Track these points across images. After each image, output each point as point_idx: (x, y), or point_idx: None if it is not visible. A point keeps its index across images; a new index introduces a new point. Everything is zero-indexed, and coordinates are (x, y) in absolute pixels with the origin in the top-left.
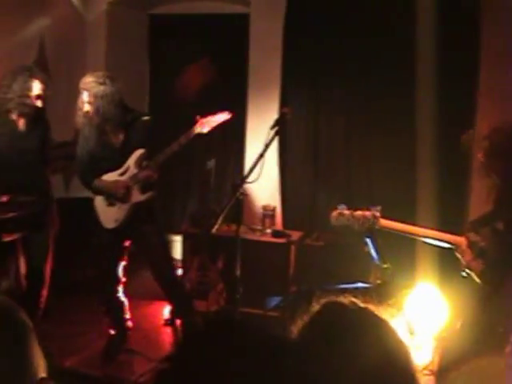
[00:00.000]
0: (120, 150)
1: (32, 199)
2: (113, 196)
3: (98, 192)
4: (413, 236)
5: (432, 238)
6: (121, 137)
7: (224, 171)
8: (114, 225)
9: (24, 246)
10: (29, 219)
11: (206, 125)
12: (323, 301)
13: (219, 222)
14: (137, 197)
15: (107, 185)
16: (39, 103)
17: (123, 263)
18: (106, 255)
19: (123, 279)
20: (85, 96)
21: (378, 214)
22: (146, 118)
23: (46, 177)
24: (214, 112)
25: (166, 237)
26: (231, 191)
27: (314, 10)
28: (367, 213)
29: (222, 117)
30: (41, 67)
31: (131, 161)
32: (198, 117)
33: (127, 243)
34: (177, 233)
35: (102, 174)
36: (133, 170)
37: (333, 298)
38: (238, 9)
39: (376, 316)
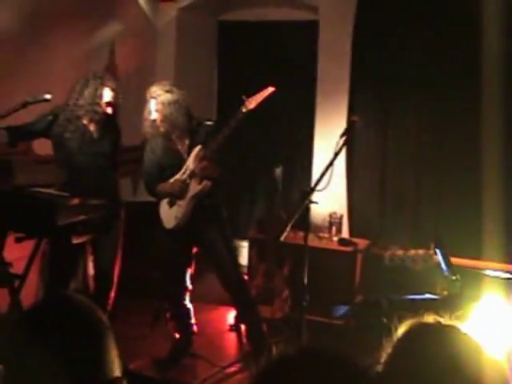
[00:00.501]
0: (185, 157)
1: (102, 202)
2: (171, 194)
3: (159, 196)
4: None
5: (493, 270)
6: (186, 143)
7: (291, 177)
8: (174, 223)
9: (93, 247)
10: (98, 222)
11: (253, 102)
12: (408, 323)
13: (288, 229)
14: (194, 189)
15: (165, 186)
16: (109, 110)
17: (190, 270)
18: (172, 262)
19: (190, 287)
20: (152, 104)
21: (431, 253)
22: (209, 123)
23: (116, 181)
24: (258, 90)
25: (232, 242)
26: (300, 199)
27: (383, 18)
28: (420, 252)
29: (267, 92)
30: (111, 73)
31: (190, 159)
32: (243, 97)
33: (194, 250)
34: (243, 238)
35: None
36: (191, 167)
37: (418, 320)
38: (307, 16)
39: (467, 336)
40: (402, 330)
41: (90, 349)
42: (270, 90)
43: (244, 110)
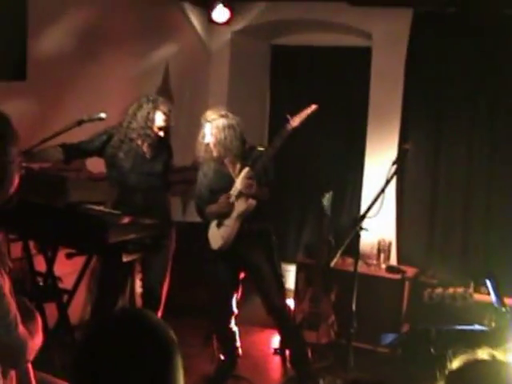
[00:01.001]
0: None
1: (153, 222)
2: (218, 214)
3: (208, 218)
4: None
5: None
6: (238, 167)
7: (341, 203)
8: (220, 242)
9: (142, 266)
10: (149, 241)
11: (297, 119)
12: (462, 357)
13: (338, 255)
14: (239, 208)
15: (212, 206)
16: (161, 134)
17: (237, 295)
18: (219, 286)
19: (236, 311)
20: (207, 128)
21: (470, 291)
22: (261, 148)
23: (167, 200)
24: (303, 108)
25: (279, 267)
26: (351, 225)
27: (437, 44)
28: (459, 290)
29: (310, 109)
30: (164, 94)
31: (238, 180)
32: (287, 115)
33: (241, 275)
34: (291, 262)
35: None
36: (238, 188)
37: (472, 356)
38: (360, 42)
39: None
40: (455, 363)
41: (162, 367)
42: (313, 107)
43: (289, 127)
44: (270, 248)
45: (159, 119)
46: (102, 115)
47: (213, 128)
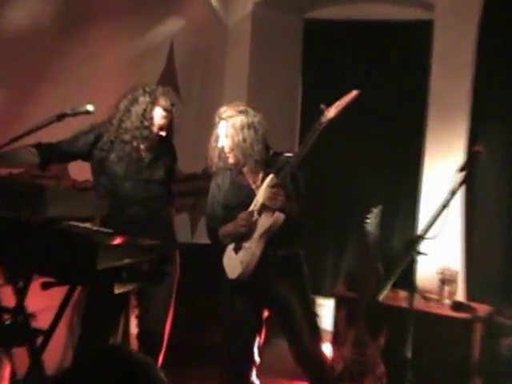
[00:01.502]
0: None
1: (153, 243)
2: (235, 235)
3: (222, 242)
4: None
5: None
6: (259, 178)
7: (392, 220)
8: (239, 270)
9: (139, 299)
10: (148, 268)
11: (333, 109)
12: None
13: (388, 286)
14: (263, 225)
15: (228, 226)
16: (162, 133)
17: (259, 339)
18: (237, 326)
19: (258, 360)
20: (221, 128)
21: None
22: (289, 154)
23: (171, 215)
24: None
25: (312, 303)
26: (404, 249)
27: None
28: None
29: (350, 96)
30: (167, 83)
31: (260, 191)
32: (322, 106)
33: (266, 313)
34: (328, 296)
35: None
36: (260, 201)
37: None
38: (418, 14)
39: None
40: None
41: None
42: (354, 93)
43: (323, 120)
44: (300, 278)
45: (158, 116)
46: (89, 108)
47: (229, 128)
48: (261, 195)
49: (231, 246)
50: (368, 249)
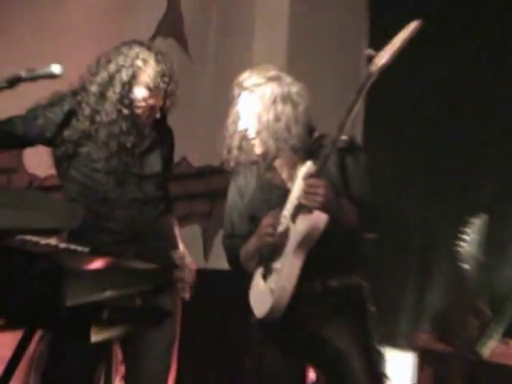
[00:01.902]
0: None
1: (147, 267)
2: (259, 251)
3: (245, 266)
4: None
5: None
6: (298, 174)
7: (501, 237)
8: (269, 304)
9: (126, 352)
10: (137, 303)
11: (386, 54)
12: None
13: (496, 335)
14: (297, 233)
15: (251, 242)
16: (154, 114)
17: None
18: None
19: None
20: (243, 103)
21: None
22: (344, 137)
23: (170, 227)
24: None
25: (380, 357)
26: None
27: None
28: None
29: (407, 31)
30: (170, 30)
31: (294, 188)
32: (369, 51)
33: (311, 374)
34: (405, 349)
35: None
36: (293, 201)
37: None
38: None
39: None
40: None
41: None
42: (413, 25)
43: (372, 69)
44: (363, 323)
45: (139, 97)
46: (55, 69)
47: (254, 102)
48: (295, 192)
49: (259, 272)
50: (466, 279)
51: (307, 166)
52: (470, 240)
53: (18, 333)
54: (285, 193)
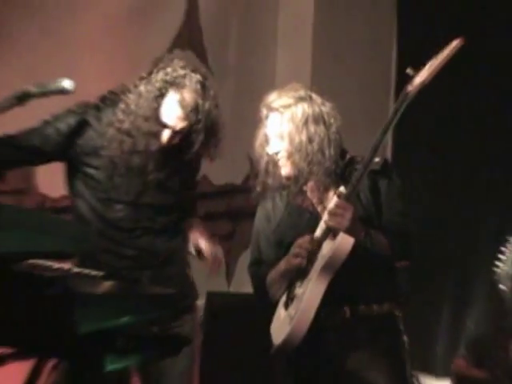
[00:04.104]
0: None
1: (165, 292)
2: (288, 274)
3: (272, 294)
4: None
5: None
6: (330, 197)
7: None
8: (286, 329)
9: (144, 378)
10: (156, 331)
11: (425, 73)
12: None
13: None
14: (323, 254)
15: (279, 266)
16: (177, 139)
17: None
18: None
19: None
20: (271, 125)
21: None
22: (376, 160)
23: (184, 251)
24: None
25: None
26: None
27: None
28: None
29: (448, 50)
30: (188, 41)
31: (325, 212)
32: (409, 70)
33: None
34: (441, 376)
35: None
36: (323, 226)
37: None
38: None
39: None
40: None
41: None
42: (454, 44)
43: (409, 89)
44: (396, 353)
45: (175, 111)
46: (66, 84)
47: (285, 123)
48: (326, 215)
49: (282, 301)
50: (504, 302)
51: (340, 189)
52: (506, 259)
53: (26, 364)
54: (315, 217)
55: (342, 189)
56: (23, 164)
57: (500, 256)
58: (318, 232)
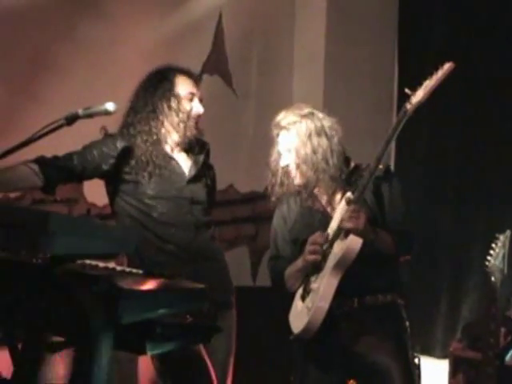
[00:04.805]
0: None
1: (200, 287)
2: (305, 270)
3: (289, 288)
4: None
5: None
6: (337, 200)
7: None
8: (305, 321)
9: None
10: (191, 324)
11: (420, 92)
12: None
13: None
14: (335, 253)
15: (296, 263)
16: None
17: None
18: None
19: None
20: (282, 142)
21: None
22: (380, 167)
23: (219, 249)
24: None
25: (415, 367)
26: None
27: None
28: None
29: (441, 72)
30: (215, 67)
31: (335, 214)
32: (407, 90)
33: None
34: (439, 357)
35: None
36: (334, 227)
37: None
38: None
39: None
40: None
41: None
42: (446, 67)
43: (407, 107)
44: (400, 338)
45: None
46: (109, 107)
47: (292, 138)
48: (336, 218)
49: (299, 293)
50: (494, 292)
51: (348, 195)
52: (496, 254)
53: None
54: (325, 217)
55: (349, 194)
56: (73, 181)
57: (490, 251)
58: (330, 231)
